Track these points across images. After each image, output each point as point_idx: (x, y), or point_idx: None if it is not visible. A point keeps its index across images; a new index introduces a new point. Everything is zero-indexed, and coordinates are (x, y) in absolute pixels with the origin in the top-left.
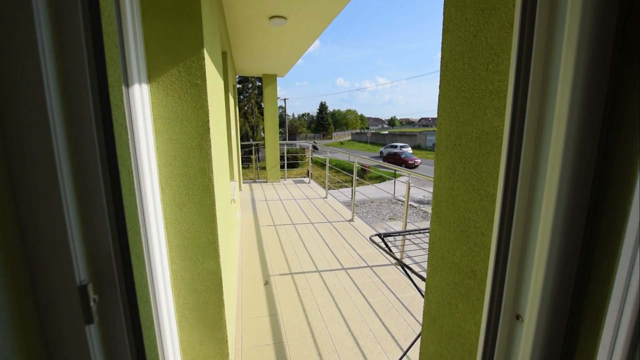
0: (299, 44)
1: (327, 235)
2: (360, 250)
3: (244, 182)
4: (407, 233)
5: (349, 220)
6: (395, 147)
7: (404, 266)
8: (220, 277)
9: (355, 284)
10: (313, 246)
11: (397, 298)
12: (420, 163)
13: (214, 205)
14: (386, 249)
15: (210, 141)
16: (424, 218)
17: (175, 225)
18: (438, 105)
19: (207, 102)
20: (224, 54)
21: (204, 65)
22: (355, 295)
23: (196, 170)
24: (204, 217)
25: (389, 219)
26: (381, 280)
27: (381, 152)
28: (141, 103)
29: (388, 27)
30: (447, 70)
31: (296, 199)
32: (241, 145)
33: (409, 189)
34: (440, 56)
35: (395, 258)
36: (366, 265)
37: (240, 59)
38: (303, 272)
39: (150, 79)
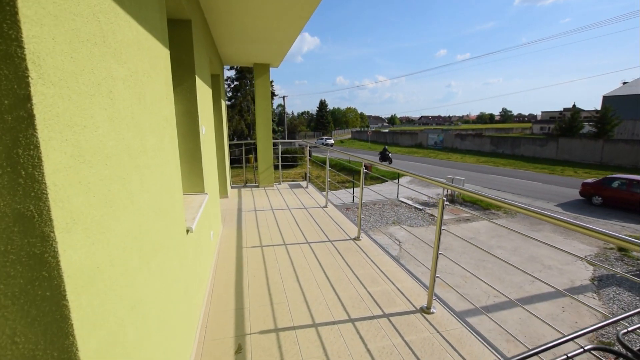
0: (291, 18)
1: (327, 261)
2: (372, 287)
3: (233, 187)
4: None
5: (354, 239)
6: (322, 139)
7: None
8: None
9: (367, 349)
10: (309, 280)
11: None
12: None
13: (65, 298)
14: None
15: (39, 148)
16: (430, 222)
17: None
18: None
19: (23, 49)
20: (186, 23)
21: None
22: None
23: (10, 219)
24: (39, 326)
25: (393, 223)
26: (405, 342)
27: (316, 142)
28: None
29: (388, 25)
30: None
31: (291, 208)
32: (230, 144)
33: (443, 209)
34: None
35: None
36: (382, 313)
37: (224, 42)
38: (293, 328)
39: None
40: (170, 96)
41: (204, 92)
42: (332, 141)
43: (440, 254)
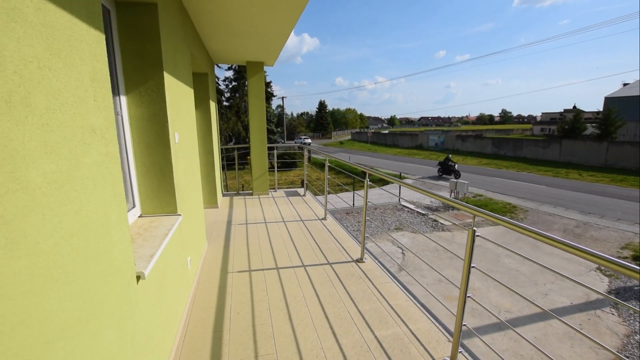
0: (283, 7)
1: (325, 291)
2: (380, 330)
3: (224, 195)
4: None
5: (357, 261)
6: (301, 139)
7: None
8: None
9: None
10: (304, 319)
11: None
12: None
13: None
14: None
15: None
16: (434, 228)
17: None
18: None
19: None
20: (150, 7)
21: None
22: None
23: None
24: None
25: (395, 228)
26: None
27: (295, 142)
28: None
29: (387, 26)
30: None
31: (286, 221)
32: (224, 148)
33: (473, 242)
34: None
35: None
36: None
37: (211, 37)
38: None
39: None
40: (106, 97)
41: (178, 93)
42: (309, 140)
43: (468, 296)
